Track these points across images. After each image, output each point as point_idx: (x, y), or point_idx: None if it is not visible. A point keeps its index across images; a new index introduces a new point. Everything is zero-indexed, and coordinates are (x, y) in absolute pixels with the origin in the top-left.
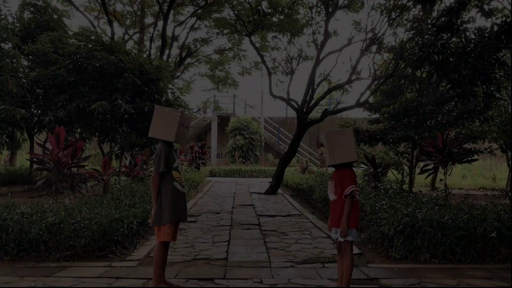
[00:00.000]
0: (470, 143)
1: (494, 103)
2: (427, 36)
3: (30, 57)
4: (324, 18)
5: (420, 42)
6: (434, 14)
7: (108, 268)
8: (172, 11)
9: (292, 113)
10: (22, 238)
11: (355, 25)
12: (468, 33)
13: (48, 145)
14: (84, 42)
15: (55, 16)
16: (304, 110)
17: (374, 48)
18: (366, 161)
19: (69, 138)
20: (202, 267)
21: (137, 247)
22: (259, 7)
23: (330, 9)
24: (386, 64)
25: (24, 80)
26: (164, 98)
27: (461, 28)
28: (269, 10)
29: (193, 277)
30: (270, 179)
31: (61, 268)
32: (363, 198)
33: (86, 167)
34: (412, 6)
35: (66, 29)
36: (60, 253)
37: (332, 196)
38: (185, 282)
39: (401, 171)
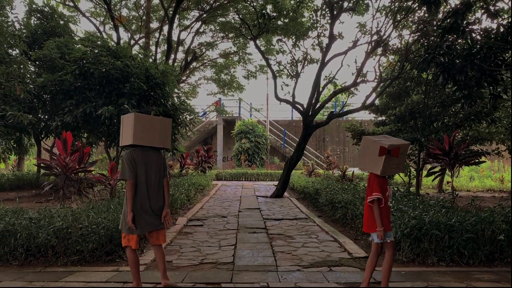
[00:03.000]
0: (477, 145)
1: (501, 105)
2: (432, 38)
3: (37, 63)
4: (329, 21)
5: (425, 44)
6: (440, 15)
7: (116, 273)
8: (177, 16)
9: (297, 116)
10: (30, 243)
11: (360, 28)
12: (474, 35)
13: (55, 150)
14: (90, 48)
15: (61, 22)
16: (310, 113)
17: (379, 50)
18: None
19: (76, 143)
20: (209, 271)
21: (144, 251)
22: (264, 11)
23: (335, 12)
24: (391, 66)
25: (31, 86)
26: (170, 103)
27: (466, 29)
28: (274, 14)
29: (200, 281)
30: (276, 183)
31: (69, 273)
32: None
33: (93, 172)
34: (417, 8)
35: (73, 34)
36: (67, 257)
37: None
38: (192, 286)
39: (408, 174)
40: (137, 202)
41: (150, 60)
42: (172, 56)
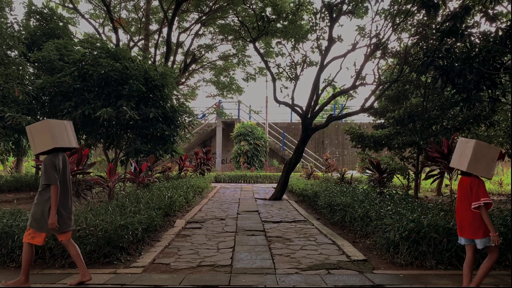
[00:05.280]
0: None
1: (500, 108)
2: (431, 41)
3: (36, 64)
4: (328, 24)
5: (424, 47)
6: (439, 19)
7: (113, 275)
8: (176, 18)
9: (296, 119)
10: None
11: (360, 31)
12: (472, 38)
13: None
14: (90, 49)
15: (60, 24)
16: (309, 116)
17: (378, 53)
18: (371, 167)
19: None
20: (206, 274)
21: (142, 253)
22: (263, 13)
23: (334, 15)
24: (390, 69)
25: (30, 88)
26: (169, 105)
27: (465, 33)
28: (273, 16)
29: (198, 283)
30: (275, 185)
31: (66, 275)
32: (368, 204)
33: (91, 174)
34: (416, 12)
35: (72, 36)
36: (65, 260)
37: None
38: None
39: (407, 177)
40: (62, 204)
41: (149, 62)
42: (171, 58)
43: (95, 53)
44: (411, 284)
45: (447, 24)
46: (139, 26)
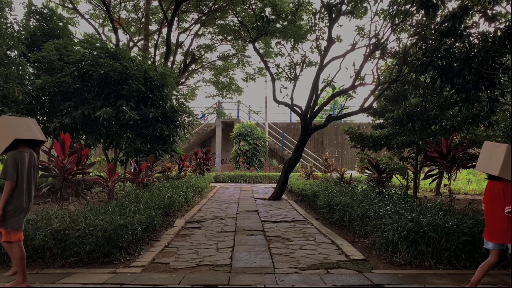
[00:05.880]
0: (474, 148)
1: (499, 108)
2: (430, 41)
3: (36, 64)
4: (328, 24)
5: (423, 47)
6: (438, 19)
7: (113, 275)
8: (176, 18)
9: (296, 119)
10: (28, 245)
11: (359, 31)
12: (471, 38)
13: (53, 152)
14: (89, 49)
15: (60, 24)
16: (308, 116)
17: (377, 53)
18: (370, 167)
19: (74, 145)
20: (206, 273)
21: (142, 253)
22: (262, 14)
23: (334, 15)
24: (389, 70)
25: (29, 88)
26: (168, 105)
27: (464, 33)
28: (273, 17)
29: (197, 283)
30: (274, 185)
31: (66, 275)
32: (367, 204)
33: (91, 174)
34: (415, 12)
35: (72, 36)
36: (65, 259)
37: None
38: None
39: (406, 177)
40: (20, 201)
41: (149, 62)
42: (171, 58)
43: (95, 53)
44: (410, 284)
45: (446, 24)
46: (139, 26)
